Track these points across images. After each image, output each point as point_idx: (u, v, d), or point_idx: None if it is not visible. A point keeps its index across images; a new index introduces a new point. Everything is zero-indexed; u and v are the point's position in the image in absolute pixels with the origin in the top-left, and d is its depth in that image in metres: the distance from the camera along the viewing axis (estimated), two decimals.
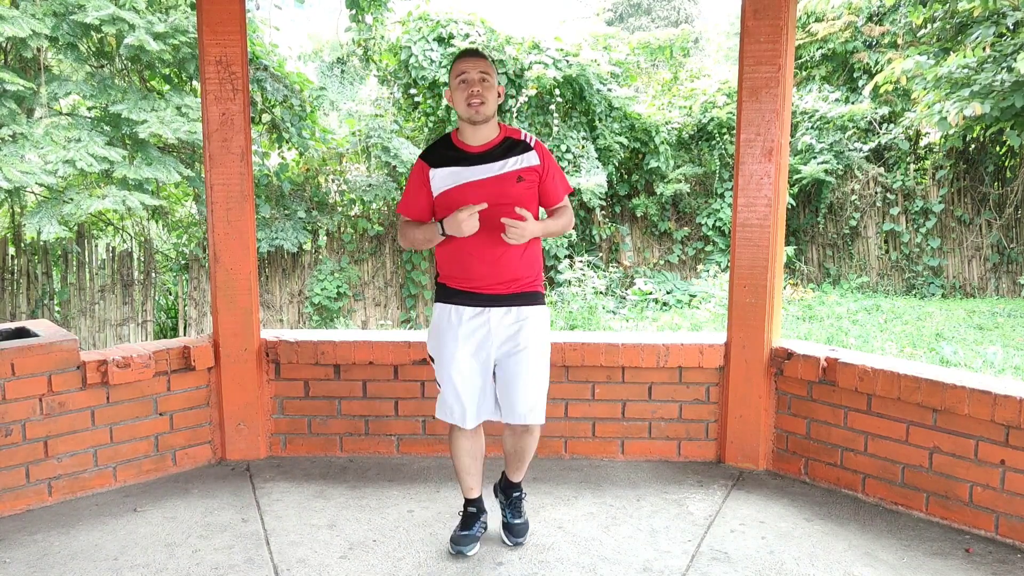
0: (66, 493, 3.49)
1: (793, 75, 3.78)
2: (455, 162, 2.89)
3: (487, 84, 2.84)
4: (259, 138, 10.63)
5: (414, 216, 3.00)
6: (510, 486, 3.17)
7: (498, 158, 2.88)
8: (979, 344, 8.34)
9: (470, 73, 2.83)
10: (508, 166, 2.87)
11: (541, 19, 18.48)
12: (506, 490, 3.18)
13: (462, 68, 2.85)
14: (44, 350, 3.38)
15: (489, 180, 2.86)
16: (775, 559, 2.97)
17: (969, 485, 3.17)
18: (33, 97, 9.30)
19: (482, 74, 2.83)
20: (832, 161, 12.38)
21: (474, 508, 3.12)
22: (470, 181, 2.86)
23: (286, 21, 13.81)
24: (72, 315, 9.61)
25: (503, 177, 2.86)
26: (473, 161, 2.88)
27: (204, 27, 3.69)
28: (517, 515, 3.12)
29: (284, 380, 3.95)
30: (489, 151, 2.89)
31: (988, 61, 10.42)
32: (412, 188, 2.98)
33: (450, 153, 2.92)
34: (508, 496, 3.16)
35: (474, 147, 2.90)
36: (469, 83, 2.83)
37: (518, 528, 3.09)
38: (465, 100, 2.83)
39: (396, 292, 11.47)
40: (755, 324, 3.71)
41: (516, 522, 3.10)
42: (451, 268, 2.94)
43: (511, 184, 2.86)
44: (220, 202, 3.78)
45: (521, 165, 2.89)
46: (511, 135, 2.95)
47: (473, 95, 2.81)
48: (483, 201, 2.79)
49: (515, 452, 3.07)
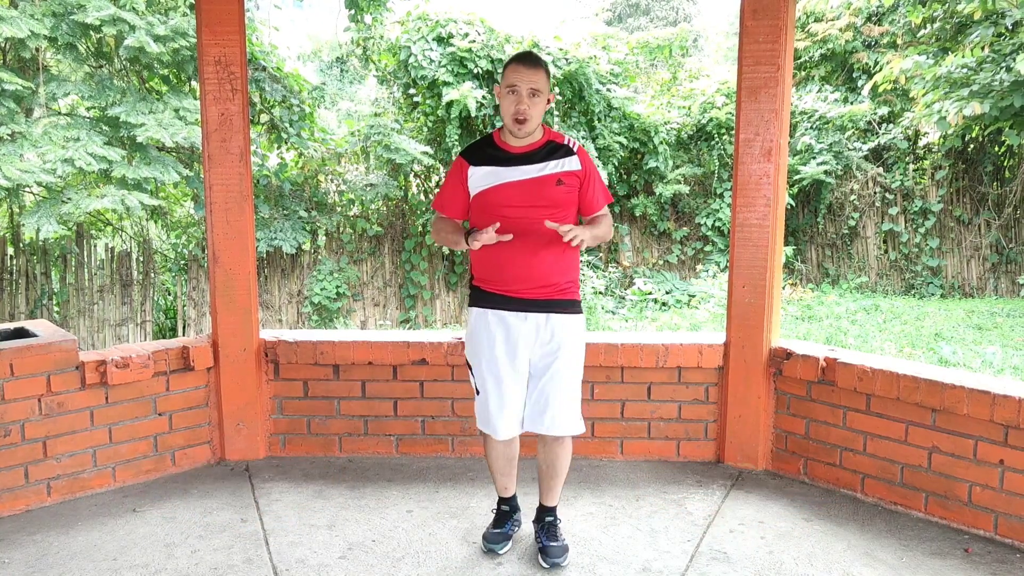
0: (65, 493, 3.49)
1: (792, 75, 3.78)
2: (495, 161, 2.86)
3: (536, 99, 2.78)
4: (258, 138, 10.63)
5: (448, 213, 2.98)
6: (543, 510, 3.07)
7: (538, 160, 2.84)
8: (978, 344, 8.35)
9: (521, 86, 2.76)
10: (548, 168, 2.83)
11: (540, 19, 18.46)
12: (540, 516, 3.07)
13: (514, 79, 2.78)
14: (43, 350, 3.38)
15: (527, 181, 2.82)
16: (774, 559, 2.97)
17: (968, 485, 3.17)
18: (32, 97, 9.30)
19: (533, 89, 2.76)
20: (831, 161, 12.38)
21: (507, 507, 3.09)
22: (508, 181, 2.83)
23: (285, 21, 13.81)
24: (71, 315, 9.61)
25: (542, 179, 2.82)
26: (513, 162, 2.84)
27: (203, 27, 3.69)
28: (553, 539, 2.98)
29: (283, 380, 3.95)
30: (530, 153, 2.85)
31: (987, 61, 10.42)
32: (449, 184, 2.96)
33: (491, 152, 2.89)
34: (541, 521, 3.05)
35: (516, 148, 2.86)
36: (518, 96, 2.77)
37: (553, 550, 2.93)
38: (512, 114, 2.78)
39: (395, 292, 11.47)
40: (754, 324, 3.71)
41: (552, 544, 2.95)
42: (485, 271, 2.91)
43: (550, 187, 2.82)
44: (219, 202, 3.78)
45: (562, 169, 2.84)
46: (554, 139, 2.90)
47: (519, 112, 2.76)
48: (520, 201, 2.79)
49: (548, 466, 3.00)
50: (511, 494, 3.10)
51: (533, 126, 2.82)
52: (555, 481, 3.02)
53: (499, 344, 2.86)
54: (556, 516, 3.06)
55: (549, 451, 2.98)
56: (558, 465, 2.99)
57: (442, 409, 3.92)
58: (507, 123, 2.83)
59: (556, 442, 2.96)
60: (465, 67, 10.98)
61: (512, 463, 3.03)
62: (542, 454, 3.00)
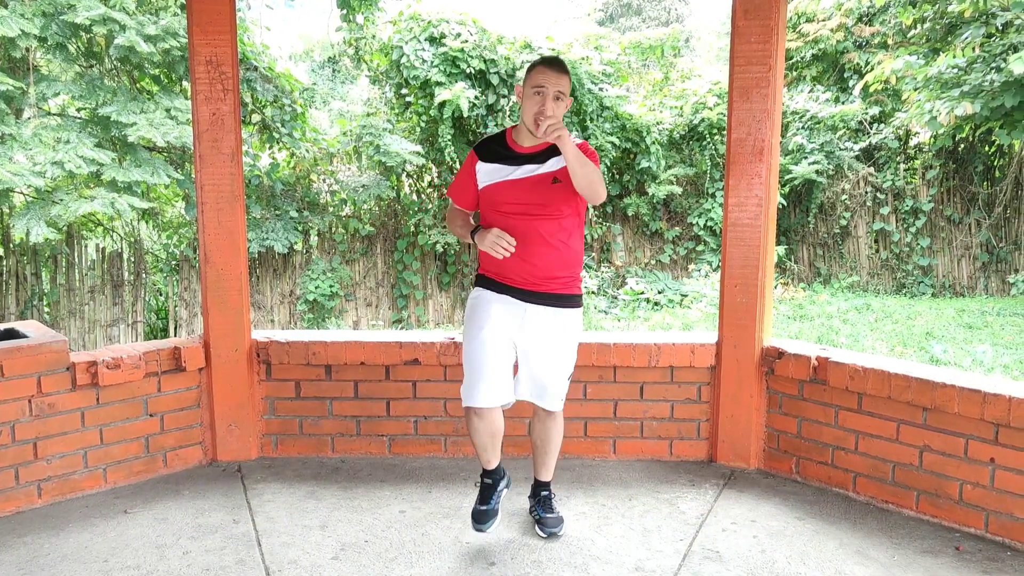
0: (56, 495, 3.47)
1: (784, 75, 3.79)
2: (501, 159, 2.97)
3: (560, 104, 2.86)
4: (249, 139, 10.60)
5: (459, 203, 3.12)
6: (539, 485, 3.24)
7: (542, 160, 2.93)
8: (969, 343, 8.38)
9: (548, 88, 2.83)
10: (547, 167, 2.92)
11: (533, 19, 18.48)
12: (536, 491, 3.25)
13: (541, 81, 2.85)
14: (33, 351, 3.36)
15: (527, 180, 2.93)
16: (767, 558, 2.97)
17: (959, 483, 3.18)
18: (22, 97, 9.26)
19: (559, 92, 2.84)
20: (823, 161, 12.43)
21: (490, 479, 3.10)
22: (511, 180, 2.94)
23: (277, 21, 13.78)
24: (61, 316, 9.57)
25: (540, 177, 2.92)
26: (518, 161, 2.94)
27: (194, 27, 3.68)
28: (549, 511, 3.17)
29: (275, 381, 3.94)
30: (536, 154, 2.94)
31: (978, 61, 10.47)
32: (461, 175, 3.10)
33: (500, 150, 3.00)
34: (537, 495, 3.23)
35: (524, 148, 2.96)
36: (544, 97, 2.84)
37: (550, 521, 3.14)
38: (534, 115, 2.84)
39: (388, 292, 11.46)
40: (746, 323, 3.72)
41: (548, 516, 3.16)
42: (489, 263, 3.03)
43: (547, 185, 2.91)
44: (210, 203, 3.77)
45: (560, 166, 2.90)
46: None
47: (542, 113, 2.81)
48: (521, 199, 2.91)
49: (542, 442, 3.16)
50: (493, 466, 3.10)
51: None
52: (549, 457, 3.20)
53: (494, 317, 2.96)
54: (551, 490, 3.24)
55: (543, 426, 3.14)
56: (551, 440, 3.17)
57: (435, 409, 3.91)
58: (527, 122, 2.89)
59: (549, 417, 3.13)
60: (457, 67, 10.98)
61: (495, 439, 3.04)
62: (537, 430, 3.17)
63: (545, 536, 3.13)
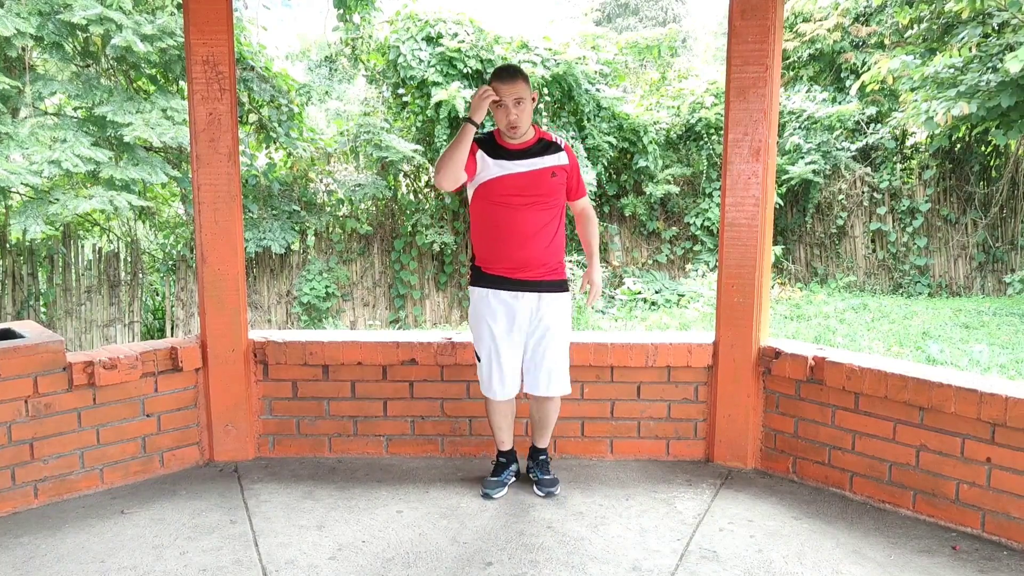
0: (52, 495, 3.47)
1: (780, 75, 3.80)
2: (500, 156, 3.34)
3: (521, 106, 3.26)
4: (246, 138, 10.59)
5: None
6: (536, 451, 3.61)
7: (535, 155, 3.35)
8: (965, 343, 8.39)
9: (506, 99, 3.24)
10: (544, 163, 3.34)
11: (530, 19, 18.49)
12: (533, 455, 3.61)
13: (499, 94, 3.25)
14: (30, 351, 3.35)
15: (528, 173, 3.32)
16: (763, 557, 2.98)
17: (956, 483, 3.19)
18: (18, 96, 9.24)
19: (516, 98, 3.25)
20: (819, 161, 12.44)
21: (504, 459, 3.57)
22: (511, 173, 3.31)
23: (274, 21, 13.77)
24: (58, 316, 9.55)
25: (539, 172, 3.33)
26: (515, 156, 3.34)
27: (191, 27, 3.67)
28: (545, 472, 3.55)
29: (272, 381, 3.94)
30: (526, 149, 3.35)
31: (974, 61, 10.49)
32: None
33: (496, 148, 3.36)
34: (535, 459, 3.60)
35: (513, 145, 3.36)
36: (505, 108, 3.26)
37: (547, 482, 3.50)
38: (506, 125, 3.29)
39: (385, 292, 11.45)
40: (743, 323, 3.72)
41: (545, 477, 3.52)
42: (485, 251, 3.38)
43: (546, 178, 3.33)
44: (207, 202, 3.77)
45: (555, 163, 3.36)
46: (544, 137, 3.40)
47: (511, 123, 3.27)
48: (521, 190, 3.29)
49: (539, 419, 3.54)
50: (508, 448, 3.57)
51: (525, 127, 3.32)
52: (546, 430, 3.58)
53: (498, 320, 3.35)
54: (547, 454, 3.63)
55: (541, 408, 3.51)
56: (549, 417, 3.54)
57: (432, 409, 3.91)
58: (502, 128, 3.33)
59: (548, 400, 3.48)
60: (454, 67, 10.97)
61: (509, 420, 3.53)
62: (535, 410, 3.54)
63: (543, 495, 3.46)
